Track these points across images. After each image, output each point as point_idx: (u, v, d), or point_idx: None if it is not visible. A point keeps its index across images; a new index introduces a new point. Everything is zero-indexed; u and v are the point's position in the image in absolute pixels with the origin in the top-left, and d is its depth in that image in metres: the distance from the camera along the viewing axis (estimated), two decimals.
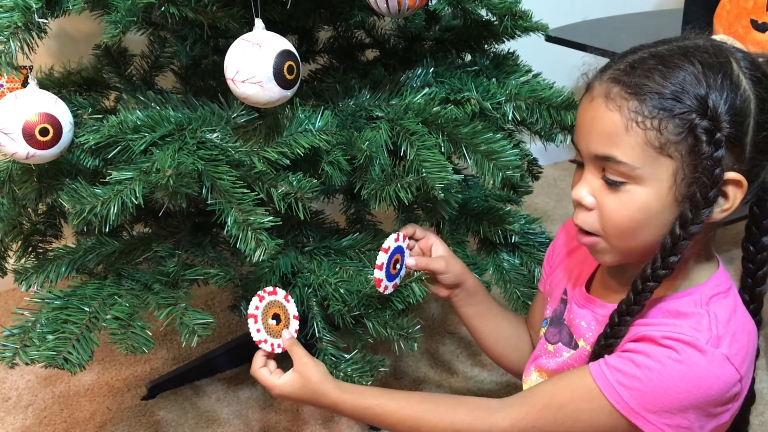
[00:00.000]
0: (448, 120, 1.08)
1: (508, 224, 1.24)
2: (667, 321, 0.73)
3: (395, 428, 0.85)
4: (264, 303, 0.96)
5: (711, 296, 0.75)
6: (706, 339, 0.70)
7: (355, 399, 0.87)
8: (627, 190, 0.71)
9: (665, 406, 0.69)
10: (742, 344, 0.72)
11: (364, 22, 1.40)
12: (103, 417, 1.49)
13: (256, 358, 0.94)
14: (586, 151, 0.74)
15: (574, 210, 0.78)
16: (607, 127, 0.71)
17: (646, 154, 0.70)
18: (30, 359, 1.01)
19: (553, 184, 2.45)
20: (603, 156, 0.72)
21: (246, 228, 0.94)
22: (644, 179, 0.71)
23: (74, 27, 1.71)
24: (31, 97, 0.94)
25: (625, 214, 0.72)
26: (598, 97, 0.73)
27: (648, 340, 0.72)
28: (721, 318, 0.72)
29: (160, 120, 1.00)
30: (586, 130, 0.74)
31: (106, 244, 1.17)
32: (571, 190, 0.78)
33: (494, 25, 1.26)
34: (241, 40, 0.91)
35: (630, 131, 0.70)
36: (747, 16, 1.48)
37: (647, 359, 0.70)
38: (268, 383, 0.91)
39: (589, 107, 0.74)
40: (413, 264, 0.96)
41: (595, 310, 0.83)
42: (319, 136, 1.01)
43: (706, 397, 0.69)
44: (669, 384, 0.69)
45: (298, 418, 1.47)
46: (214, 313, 1.79)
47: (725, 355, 0.70)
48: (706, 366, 0.69)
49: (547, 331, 0.91)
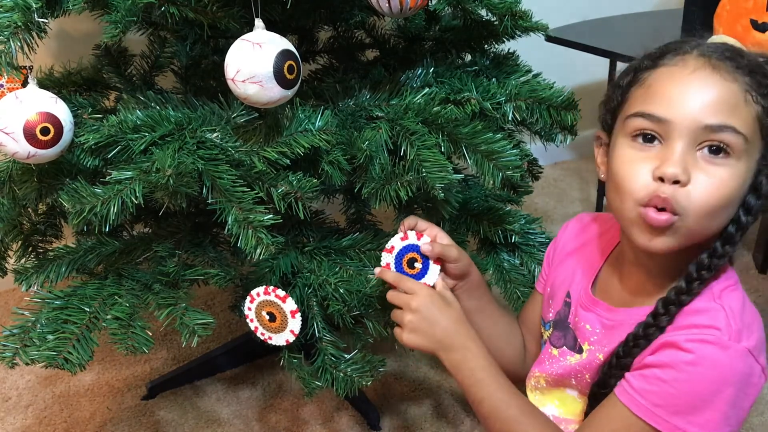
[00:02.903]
0: (448, 120, 1.08)
1: (508, 224, 1.24)
2: (687, 320, 0.73)
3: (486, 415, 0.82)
4: (255, 304, 0.98)
5: (722, 289, 0.75)
6: (728, 335, 0.70)
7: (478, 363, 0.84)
8: (727, 164, 0.70)
9: (703, 412, 0.70)
10: (758, 334, 0.73)
11: (364, 22, 1.41)
12: (103, 417, 1.49)
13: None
14: (690, 122, 0.70)
15: (643, 191, 0.71)
16: (726, 96, 0.70)
17: (755, 129, 0.70)
18: (30, 359, 1.01)
19: (553, 184, 2.45)
20: (720, 125, 0.69)
21: (246, 226, 0.94)
22: (745, 156, 0.70)
23: (74, 27, 1.71)
24: (31, 97, 0.94)
25: (717, 192, 0.70)
26: (703, 68, 0.71)
27: (670, 345, 0.72)
28: (735, 310, 0.72)
29: (160, 120, 1.00)
30: (691, 99, 0.71)
31: (106, 244, 1.17)
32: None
33: (494, 25, 1.26)
34: (241, 40, 0.91)
35: (748, 103, 0.70)
36: (747, 16, 1.48)
37: (673, 372, 0.71)
38: (414, 286, 0.89)
39: (693, 77, 0.71)
40: (428, 250, 0.94)
41: (601, 314, 0.83)
42: (319, 135, 1.01)
43: (737, 393, 0.70)
44: (701, 388, 0.69)
45: (298, 418, 1.47)
46: (214, 313, 1.79)
47: (747, 349, 0.70)
48: (730, 363, 0.69)
49: (551, 334, 0.90)
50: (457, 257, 0.93)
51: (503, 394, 0.82)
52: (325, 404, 1.50)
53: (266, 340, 1.00)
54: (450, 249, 0.93)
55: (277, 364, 1.26)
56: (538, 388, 0.91)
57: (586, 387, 0.83)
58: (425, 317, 0.86)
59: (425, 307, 0.86)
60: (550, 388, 0.89)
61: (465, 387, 0.84)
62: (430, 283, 0.93)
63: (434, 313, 0.86)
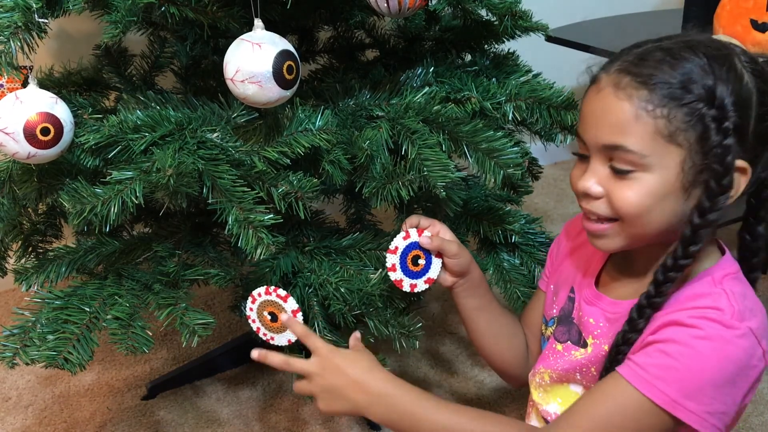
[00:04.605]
0: (449, 118, 1.08)
1: (508, 224, 1.24)
2: (688, 304, 0.74)
3: None
4: (257, 304, 0.98)
5: (723, 276, 0.76)
6: (730, 314, 0.71)
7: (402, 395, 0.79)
8: (635, 177, 0.73)
9: (702, 388, 0.70)
10: (761, 318, 0.73)
11: (364, 22, 1.41)
12: (103, 417, 1.49)
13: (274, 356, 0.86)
14: (594, 141, 0.75)
15: (579, 200, 0.79)
16: (617, 117, 0.72)
17: (655, 143, 0.71)
18: (30, 359, 1.01)
19: (553, 184, 2.45)
20: (612, 145, 0.73)
21: (246, 226, 0.94)
22: (652, 167, 0.72)
23: (74, 27, 1.71)
24: (31, 97, 0.94)
25: (635, 200, 0.73)
26: (606, 87, 0.74)
27: (673, 323, 0.72)
28: (737, 294, 0.73)
29: (160, 120, 1.00)
30: (593, 120, 0.75)
31: (107, 244, 1.17)
32: (574, 182, 0.79)
33: (494, 25, 1.26)
34: (240, 39, 0.91)
35: (640, 120, 0.71)
36: (747, 16, 1.48)
37: (676, 345, 0.71)
38: (314, 346, 0.84)
39: (597, 98, 0.75)
40: (428, 243, 0.94)
41: (605, 308, 0.84)
42: (319, 135, 1.01)
43: (737, 371, 0.70)
44: (703, 363, 0.69)
45: (298, 418, 1.47)
46: (215, 313, 1.79)
47: (750, 328, 0.71)
48: (733, 339, 0.70)
49: (555, 330, 0.91)
50: (456, 252, 0.94)
51: (450, 414, 0.77)
52: None
53: (268, 341, 1.00)
54: (450, 244, 0.94)
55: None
56: (542, 385, 0.91)
57: (592, 381, 0.83)
58: (326, 388, 0.81)
59: (321, 379, 0.81)
60: (554, 384, 0.89)
61: (401, 430, 0.79)
62: (434, 277, 0.96)
63: (332, 381, 0.81)
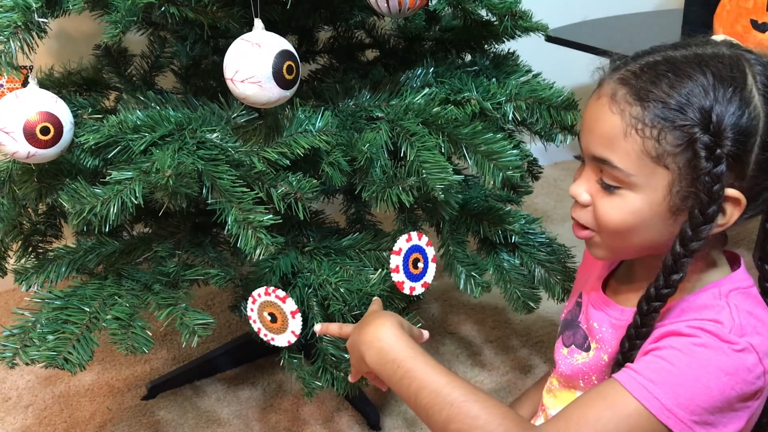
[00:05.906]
0: (449, 120, 1.08)
1: (508, 224, 1.24)
2: (689, 315, 0.72)
3: (428, 406, 0.72)
4: (257, 305, 0.98)
5: (730, 290, 0.74)
6: (729, 329, 0.69)
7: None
8: (620, 194, 0.72)
9: (695, 399, 0.67)
10: (766, 338, 0.71)
11: (364, 22, 1.41)
12: (103, 417, 1.49)
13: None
14: (587, 150, 0.75)
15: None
16: (606, 130, 0.71)
17: (641, 162, 0.69)
18: (30, 359, 1.01)
19: (553, 184, 2.45)
20: (600, 158, 0.72)
21: (246, 226, 0.94)
22: (638, 186, 0.70)
23: (74, 27, 1.71)
24: (31, 97, 0.94)
25: (617, 217, 0.72)
26: (604, 96, 0.72)
27: (672, 333, 0.71)
28: (741, 309, 0.71)
29: (160, 120, 1.00)
30: (588, 128, 0.74)
31: (106, 244, 1.17)
32: (572, 185, 0.78)
33: (494, 25, 1.26)
34: (240, 40, 0.91)
35: (628, 137, 0.69)
36: (747, 16, 1.48)
37: (673, 351, 0.69)
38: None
39: (596, 105, 0.74)
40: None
41: (610, 313, 0.83)
42: (319, 136, 1.01)
43: (733, 386, 0.68)
44: (698, 371, 0.67)
45: (298, 418, 1.47)
46: (214, 313, 1.79)
47: (750, 344, 0.68)
48: (731, 353, 0.68)
49: (563, 334, 0.91)
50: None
51: (441, 376, 0.72)
52: (325, 404, 1.50)
53: (269, 341, 1.00)
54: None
55: (277, 364, 1.26)
56: (551, 390, 0.91)
57: None
58: (350, 348, 0.82)
59: (357, 335, 0.80)
60: (562, 390, 0.89)
61: (395, 385, 0.74)
62: (429, 282, 0.99)
63: (354, 339, 0.81)
